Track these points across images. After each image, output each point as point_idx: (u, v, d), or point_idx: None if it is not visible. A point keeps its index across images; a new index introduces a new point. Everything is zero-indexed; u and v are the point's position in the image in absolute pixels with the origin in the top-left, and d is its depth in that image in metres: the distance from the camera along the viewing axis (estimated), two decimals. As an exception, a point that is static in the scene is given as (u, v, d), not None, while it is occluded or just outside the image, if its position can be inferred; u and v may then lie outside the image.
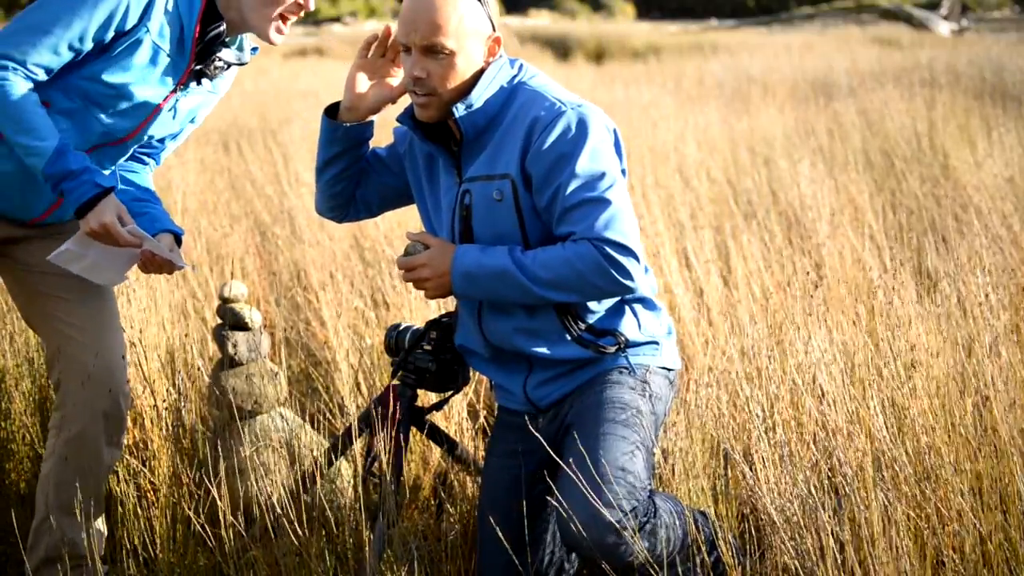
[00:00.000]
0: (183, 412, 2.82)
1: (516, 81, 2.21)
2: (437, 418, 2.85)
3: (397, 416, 2.41)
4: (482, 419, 3.02)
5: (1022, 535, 2.07)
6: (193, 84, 2.35)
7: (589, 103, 2.18)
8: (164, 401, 2.80)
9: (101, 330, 2.41)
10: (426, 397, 2.84)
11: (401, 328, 2.52)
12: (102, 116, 2.26)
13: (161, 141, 2.47)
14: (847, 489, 2.05)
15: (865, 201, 4.59)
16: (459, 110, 2.15)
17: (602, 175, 2.11)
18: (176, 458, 2.66)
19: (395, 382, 2.49)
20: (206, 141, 7.02)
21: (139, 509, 2.49)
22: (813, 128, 6.54)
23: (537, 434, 2.18)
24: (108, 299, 2.47)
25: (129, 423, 2.82)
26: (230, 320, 2.81)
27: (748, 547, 2.32)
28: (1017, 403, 2.24)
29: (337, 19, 34.44)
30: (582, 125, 2.11)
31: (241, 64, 2.41)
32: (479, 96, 2.17)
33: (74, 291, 2.39)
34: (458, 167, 2.24)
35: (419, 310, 3.32)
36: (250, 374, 2.82)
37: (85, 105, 2.25)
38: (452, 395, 2.51)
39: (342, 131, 2.32)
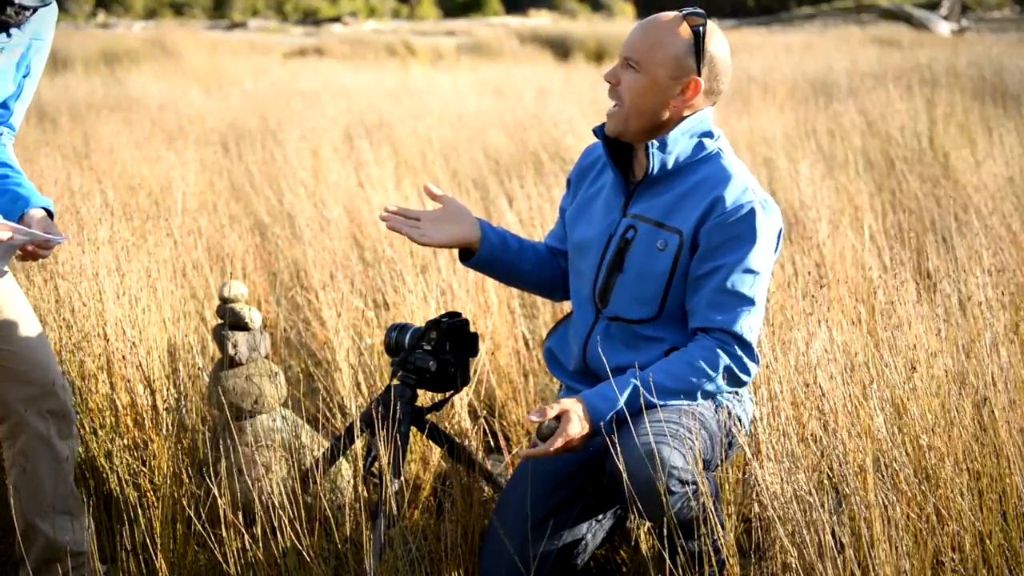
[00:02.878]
0: (183, 412, 2.82)
1: (716, 149, 2.29)
2: (437, 418, 2.86)
3: (397, 416, 2.41)
4: (482, 419, 3.03)
5: (1021, 535, 2.07)
6: (2, 36, 2.26)
7: (772, 200, 2.28)
8: (164, 401, 2.80)
9: (18, 330, 2.36)
10: (426, 397, 2.84)
11: (401, 328, 2.52)
12: None
13: (4, 107, 2.39)
14: (847, 489, 2.05)
15: (865, 201, 4.59)
16: (653, 145, 2.25)
17: (761, 275, 2.22)
18: (176, 458, 2.66)
19: (395, 382, 2.49)
20: (206, 141, 7.02)
21: (139, 509, 2.49)
22: (813, 128, 6.53)
23: (608, 438, 2.19)
24: (13, 297, 2.40)
25: (129, 423, 2.82)
26: (230, 320, 2.81)
27: (748, 547, 2.32)
28: (1017, 403, 2.24)
29: (337, 19, 34.44)
30: (762, 220, 2.22)
31: (45, 4, 2.30)
32: (674, 140, 2.26)
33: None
34: (627, 199, 2.34)
35: (419, 310, 3.32)
36: (250, 374, 2.82)
37: None
38: (452, 395, 2.52)
39: (484, 257, 2.43)
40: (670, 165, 2.27)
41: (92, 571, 2.38)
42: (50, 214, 2.33)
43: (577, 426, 2.15)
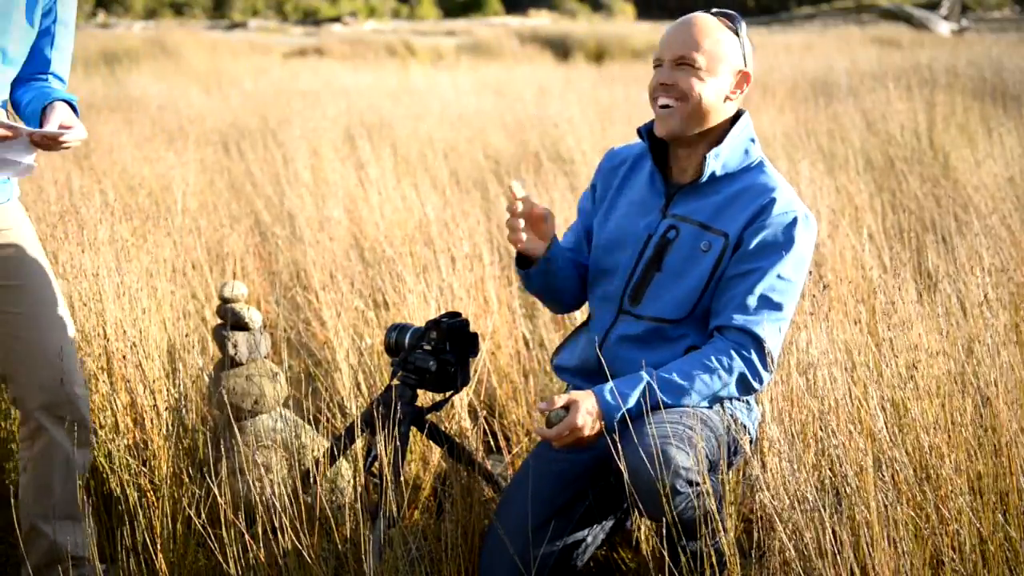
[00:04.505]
0: (183, 412, 2.82)
1: (759, 158, 2.33)
2: (437, 418, 2.85)
3: (398, 416, 2.41)
4: (482, 419, 3.02)
5: (1022, 535, 2.07)
6: None
7: (812, 215, 2.30)
8: (164, 401, 2.80)
9: (50, 342, 2.37)
10: (426, 397, 2.84)
11: (401, 328, 2.52)
12: None
13: (43, 60, 2.38)
14: (847, 489, 2.05)
15: (865, 201, 4.59)
16: (711, 155, 2.27)
17: (793, 284, 2.24)
18: (176, 458, 2.66)
19: (395, 382, 2.49)
20: (206, 141, 7.02)
21: (139, 509, 2.49)
22: (813, 128, 6.53)
23: (608, 437, 2.20)
24: (52, 305, 2.41)
25: (129, 423, 2.82)
26: (230, 320, 2.81)
27: (748, 547, 2.32)
28: (1017, 403, 2.24)
29: (337, 19, 34.45)
30: (802, 230, 2.25)
31: None
32: (729, 147, 2.29)
33: (18, 303, 2.35)
34: (667, 200, 2.35)
35: (419, 310, 3.32)
36: (250, 374, 2.82)
37: None
38: (452, 395, 2.52)
39: (536, 270, 2.41)
40: (719, 172, 2.30)
41: (93, 573, 2.38)
42: (74, 108, 2.32)
43: (584, 418, 2.14)
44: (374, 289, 3.83)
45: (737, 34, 2.30)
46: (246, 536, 2.30)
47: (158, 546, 2.40)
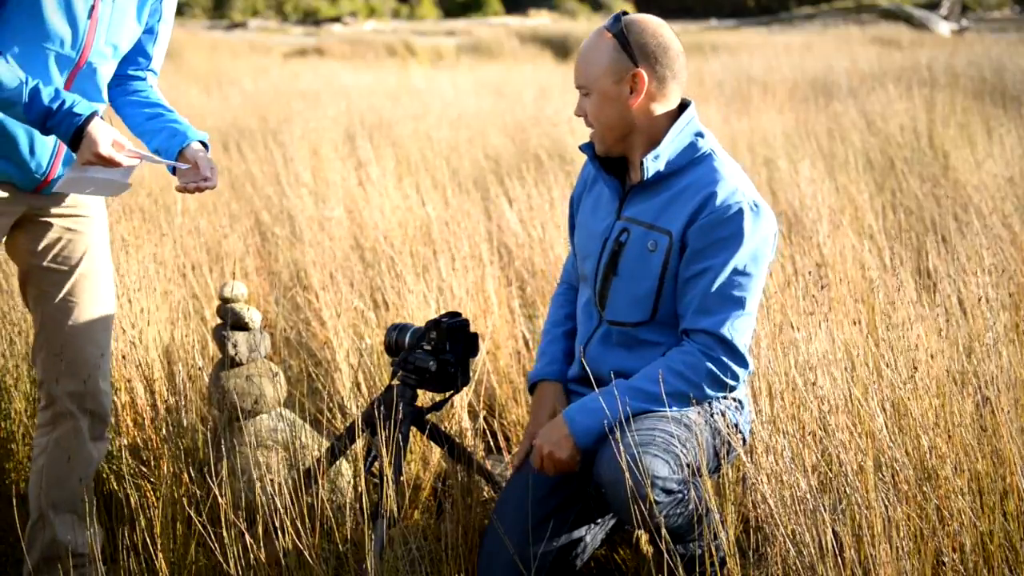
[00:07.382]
0: (183, 412, 2.82)
1: (708, 150, 2.28)
2: (437, 418, 2.86)
3: (398, 416, 2.41)
4: (482, 419, 3.02)
5: (1022, 535, 2.07)
6: None
7: (764, 202, 2.25)
8: (164, 401, 2.80)
9: (95, 335, 2.41)
10: (426, 397, 2.84)
11: (401, 328, 2.53)
12: (47, 46, 2.18)
13: (145, 56, 2.43)
14: (847, 489, 2.05)
15: (865, 201, 4.59)
16: (648, 158, 2.25)
17: (751, 277, 2.20)
18: (176, 458, 2.66)
19: (395, 382, 2.49)
20: (206, 141, 7.01)
21: (139, 509, 2.49)
22: (813, 128, 6.53)
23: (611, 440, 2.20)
24: (107, 299, 2.46)
25: (129, 423, 2.82)
26: (230, 320, 2.81)
27: (748, 547, 2.32)
28: (1017, 403, 2.24)
29: (337, 19, 34.46)
30: (751, 221, 2.20)
31: None
32: (666, 148, 2.26)
33: (76, 292, 2.39)
34: (621, 202, 2.34)
35: (419, 310, 3.32)
36: (250, 374, 2.82)
37: (26, 41, 2.15)
38: (452, 395, 2.52)
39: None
40: (663, 169, 2.28)
41: (94, 573, 2.38)
42: (205, 146, 2.38)
43: (543, 439, 2.22)
44: (374, 289, 3.83)
45: (621, 36, 2.23)
46: (246, 536, 2.30)
47: (158, 546, 2.40)
